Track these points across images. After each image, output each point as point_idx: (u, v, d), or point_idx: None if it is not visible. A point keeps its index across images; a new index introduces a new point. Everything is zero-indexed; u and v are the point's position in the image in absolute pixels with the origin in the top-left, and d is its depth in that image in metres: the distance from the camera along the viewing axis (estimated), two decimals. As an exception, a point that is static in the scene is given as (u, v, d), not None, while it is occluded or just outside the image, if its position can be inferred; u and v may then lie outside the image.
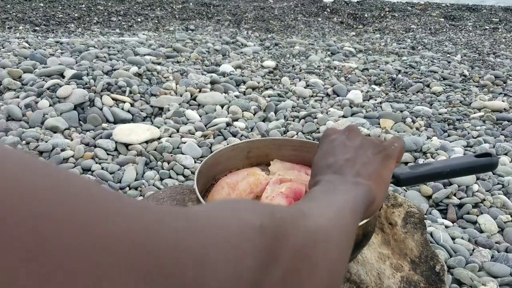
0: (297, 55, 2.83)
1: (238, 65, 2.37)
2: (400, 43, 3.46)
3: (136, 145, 1.38)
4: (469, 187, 1.24)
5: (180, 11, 4.39)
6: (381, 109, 1.89)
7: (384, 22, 4.37)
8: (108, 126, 1.54)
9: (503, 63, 2.81)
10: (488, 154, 0.84)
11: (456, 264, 0.94)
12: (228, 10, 4.53)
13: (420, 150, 1.43)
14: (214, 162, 0.91)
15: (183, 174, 1.28)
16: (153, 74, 1.95)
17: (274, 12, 4.54)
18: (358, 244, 0.70)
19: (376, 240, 0.84)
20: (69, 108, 1.54)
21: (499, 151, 1.48)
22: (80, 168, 1.25)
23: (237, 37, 3.23)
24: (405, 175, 0.83)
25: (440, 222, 1.13)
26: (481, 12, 4.94)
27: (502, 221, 1.12)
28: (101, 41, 2.60)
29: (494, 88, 2.24)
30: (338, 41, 3.41)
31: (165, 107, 1.70)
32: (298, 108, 1.81)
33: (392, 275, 0.77)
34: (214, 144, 1.44)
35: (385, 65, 2.62)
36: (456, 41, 3.58)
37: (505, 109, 1.92)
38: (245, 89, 2.02)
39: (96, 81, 1.70)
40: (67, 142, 1.33)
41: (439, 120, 1.79)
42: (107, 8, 4.17)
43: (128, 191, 1.18)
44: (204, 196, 0.90)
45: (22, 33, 3.04)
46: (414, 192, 1.24)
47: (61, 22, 3.57)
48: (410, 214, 0.89)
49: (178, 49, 2.58)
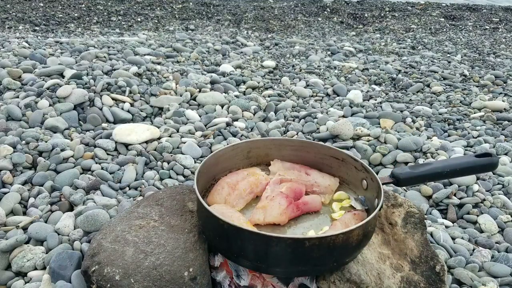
0: (297, 55, 2.83)
1: (238, 65, 2.36)
2: (400, 43, 3.46)
3: (136, 145, 1.38)
4: (469, 187, 1.24)
5: (180, 11, 4.39)
6: (381, 109, 1.89)
7: (384, 22, 4.37)
8: (108, 126, 1.54)
9: (503, 63, 2.80)
10: (488, 154, 0.84)
11: (456, 264, 0.94)
12: (228, 10, 4.52)
13: (420, 150, 1.43)
14: (214, 162, 0.91)
15: (183, 174, 1.28)
16: (153, 74, 1.94)
17: (274, 12, 4.54)
18: (358, 244, 0.70)
19: (376, 240, 0.84)
20: (69, 108, 1.54)
21: (499, 151, 1.48)
22: (80, 168, 1.25)
23: (237, 37, 3.23)
24: (405, 175, 0.83)
25: (440, 222, 1.12)
26: (481, 12, 4.94)
27: (502, 221, 1.12)
28: (101, 41, 2.60)
29: (494, 88, 2.24)
30: (338, 41, 3.41)
31: (165, 107, 1.70)
32: (298, 108, 1.81)
33: (392, 275, 0.77)
34: (214, 144, 1.44)
35: (385, 65, 2.62)
36: (456, 41, 3.58)
37: (505, 109, 1.92)
38: (245, 89, 2.02)
39: (96, 81, 1.70)
40: (67, 142, 1.33)
41: (439, 120, 1.79)
42: (107, 8, 4.17)
43: (128, 191, 1.18)
44: (204, 196, 0.90)
45: (22, 33, 3.04)
46: (414, 192, 1.24)
47: (61, 22, 3.57)
48: (410, 214, 0.89)
49: (178, 49, 2.58)
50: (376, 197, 0.78)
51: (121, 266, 0.71)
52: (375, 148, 1.43)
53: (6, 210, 1.05)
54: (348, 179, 0.91)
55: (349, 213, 0.81)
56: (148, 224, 0.81)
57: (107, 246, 0.75)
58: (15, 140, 1.28)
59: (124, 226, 0.80)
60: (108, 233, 0.79)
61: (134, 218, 0.83)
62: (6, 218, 1.03)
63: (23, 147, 1.28)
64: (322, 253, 0.65)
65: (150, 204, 0.88)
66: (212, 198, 0.87)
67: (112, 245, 0.75)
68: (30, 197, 1.11)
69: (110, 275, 0.69)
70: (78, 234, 0.97)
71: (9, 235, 0.96)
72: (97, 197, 1.11)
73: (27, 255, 0.90)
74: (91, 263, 0.73)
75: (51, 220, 1.04)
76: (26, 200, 1.11)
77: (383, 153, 1.41)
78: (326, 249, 0.65)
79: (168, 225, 0.81)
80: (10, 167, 1.20)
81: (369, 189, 0.84)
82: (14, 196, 1.09)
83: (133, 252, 0.73)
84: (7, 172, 1.18)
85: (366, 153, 1.42)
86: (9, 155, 1.22)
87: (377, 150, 1.42)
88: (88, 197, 1.12)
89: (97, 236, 0.79)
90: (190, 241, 0.78)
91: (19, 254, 0.91)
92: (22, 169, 1.22)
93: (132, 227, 0.80)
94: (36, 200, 1.10)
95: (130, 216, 0.84)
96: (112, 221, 0.83)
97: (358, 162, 0.87)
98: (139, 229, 0.79)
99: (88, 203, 1.09)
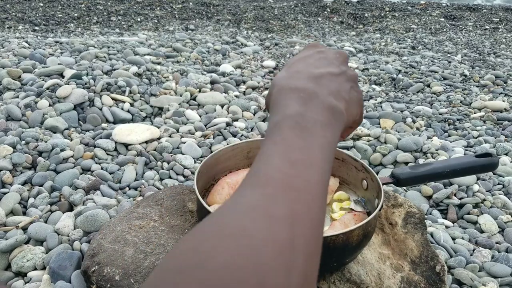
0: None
1: (238, 65, 2.36)
2: (400, 43, 3.46)
3: (136, 145, 1.38)
4: (469, 187, 1.24)
5: (180, 11, 4.39)
6: (381, 109, 1.89)
7: (384, 22, 4.36)
8: (108, 126, 1.54)
9: (503, 63, 2.80)
10: (489, 154, 0.84)
11: (457, 264, 0.94)
12: (228, 10, 4.52)
13: (421, 150, 1.42)
14: (214, 162, 0.91)
15: (183, 174, 1.28)
16: (153, 74, 1.94)
17: (274, 12, 4.54)
18: (358, 244, 0.70)
19: (376, 240, 0.84)
20: (68, 108, 1.54)
21: (500, 151, 1.48)
22: (80, 168, 1.25)
23: (237, 37, 3.22)
24: (405, 175, 0.83)
25: (440, 222, 1.12)
26: (481, 12, 4.94)
27: (502, 221, 1.12)
28: (101, 41, 2.60)
29: (495, 88, 2.23)
30: (338, 41, 3.41)
31: (165, 107, 1.69)
32: (298, 108, 1.81)
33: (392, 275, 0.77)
34: (214, 144, 1.44)
35: (385, 65, 2.62)
36: (457, 41, 3.58)
37: (505, 109, 1.92)
38: (245, 89, 2.01)
39: (95, 81, 1.70)
40: (66, 142, 1.33)
41: (439, 120, 1.78)
42: (107, 8, 4.17)
43: (128, 191, 1.18)
44: (204, 196, 0.90)
45: (22, 33, 3.04)
46: (415, 192, 1.24)
47: (60, 22, 3.57)
48: (411, 214, 0.89)
49: (178, 49, 2.58)
50: (376, 197, 0.78)
51: (121, 266, 0.71)
52: (375, 148, 1.43)
53: (5, 210, 1.05)
54: (348, 179, 0.91)
55: (349, 213, 0.81)
56: (148, 224, 0.81)
57: (107, 246, 0.75)
58: (14, 140, 1.28)
59: (124, 226, 0.80)
60: (108, 233, 0.79)
61: (134, 218, 0.83)
62: (6, 218, 1.03)
63: (23, 147, 1.28)
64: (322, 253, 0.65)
65: (150, 204, 0.88)
66: (212, 198, 0.87)
67: (112, 245, 0.75)
68: (30, 197, 1.11)
69: (110, 275, 0.69)
70: (78, 234, 0.97)
71: (9, 235, 0.96)
72: (97, 197, 1.11)
73: (27, 255, 0.90)
74: (91, 263, 0.73)
75: (51, 220, 1.04)
76: (26, 200, 1.11)
77: (383, 153, 1.40)
78: (326, 249, 0.65)
79: (168, 225, 0.81)
80: (10, 167, 1.20)
81: (369, 189, 0.84)
82: (14, 196, 1.09)
83: (133, 252, 0.73)
84: (7, 172, 1.18)
85: (366, 153, 1.42)
86: (9, 155, 1.22)
87: (377, 150, 1.42)
88: (88, 197, 1.12)
89: (97, 236, 0.79)
90: (190, 241, 0.78)
91: (19, 254, 0.91)
92: (22, 169, 1.22)
93: (132, 227, 0.80)
94: (36, 200, 1.10)
95: (130, 216, 0.84)
96: (112, 221, 0.83)
97: (358, 162, 0.87)
98: (139, 229, 0.79)
99: (88, 203, 1.09)
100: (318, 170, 0.35)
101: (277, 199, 0.31)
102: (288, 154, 0.35)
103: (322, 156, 0.36)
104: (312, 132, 0.38)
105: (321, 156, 0.36)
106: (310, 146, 0.37)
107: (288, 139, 0.37)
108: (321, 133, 0.38)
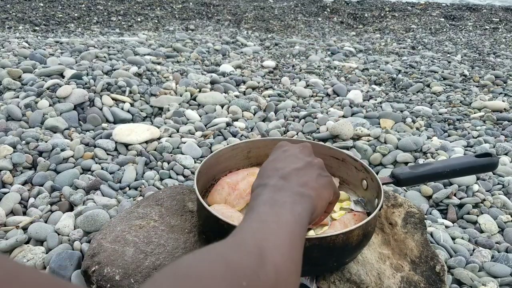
0: (297, 55, 2.83)
1: (238, 65, 2.36)
2: (400, 43, 3.46)
3: (136, 145, 1.38)
4: (469, 187, 1.24)
5: (180, 11, 4.39)
6: (381, 109, 1.89)
7: (384, 22, 4.37)
8: (108, 126, 1.54)
9: (503, 63, 2.80)
10: (488, 154, 0.84)
11: (456, 264, 0.94)
12: (228, 10, 4.52)
13: (420, 150, 1.43)
14: (214, 162, 0.91)
15: (183, 174, 1.28)
16: (153, 74, 1.94)
17: (274, 12, 4.54)
18: (358, 244, 0.70)
19: (376, 240, 0.84)
20: (69, 108, 1.54)
21: (499, 151, 1.48)
22: (80, 168, 1.25)
23: (237, 37, 3.22)
24: (405, 175, 0.83)
25: (440, 222, 1.12)
26: (481, 12, 4.94)
27: (502, 221, 1.12)
28: (101, 41, 2.60)
29: (494, 88, 2.24)
30: (338, 41, 3.41)
31: (165, 107, 1.70)
32: (298, 108, 1.81)
33: (392, 275, 0.77)
34: (214, 144, 1.44)
35: (385, 65, 2.62)
36: (456, 41, 3.58)
37: (505, 109, 1.92)
38: (245, 89, 2.02)
39: (96, 81, 1.70)
40: (67, 142, 1.33)
41: (439, 120, 1.79)
42: (107, 8, 4.17)
43: (128, 191, 1.18)
44: (204, 196, 0.90)
45: (22, 33, 3.04)
46: (414, 192, 1.24)
47: (61, 22, 3.57)
48: (410, 214, 0.89)
49: (178, 49, 2.58)
50: (376, 197, 0.78)
51: (121, 266, 0.71)
52: (375, 148, 1.43)
53: (6, 210, 1.05)
54: (348, 179, 0.91)
55: (349, 213, 0.81)
56: (148, 224, 0.81)
57: (107, 246, 0.75)
58: (15, 140, 1.28)
59: (124, 226, 0.80)
60: (108, 233, 0.79)
61: (134, 218, 0.83)
62: (6, 218, 1.03)
63: (23, 147, 1.28)
64: (322, 253, 0.65)
65: (150, 204, 0.88)
66: (212, 198, 0.87)
67: (112, 245, 0.75)
68: (30, 197, 1.11)
69: (110, 275, 0.69)
70: (78, 234, 0.97)
71: (9, 235, 0.96)
72: (97, 197, 1.11)
73: (27, 255, 0.90)
74: (91, 263, 0.73)
75: (51, 220, 1.04)
76: (26, 200, 1.11)
77: (383, 153, 1.41)
78: (326, 249, 0.65)
79: (168, 225, 0.81)
80: (10, 167, 1.20)
81: (369, 189, 0.84)
82: (14, 196, 1.09)
83: (133, 252, 0.73)
84: (7, 172, 1.18)
85: (366, 153, 1.42)
86: (9, 155, 1.22)
87: (377, 150, 1.42)
88: (88, 197, 1.12)
89: (97, 236, 0.79)
90: (190, 241, 0.78)
91: (19, 254, 0.91)
92: (22, 169, 1.22)
93: (132, 227, 0.80)
94: (36, 200, 1.10)
95: (130, 216, 0.84)
96: (112, 221, 0.83)
97: (358, 162, 0.87)
98: (139, 229, 0.79)
99: (88, 203, 1.09)
100: (287, 224, 0.43)
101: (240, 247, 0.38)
102: (260, 217, 0.44)
103: (291, 218, 0.44)
104: (282, 205, 0.46)
105: (291, 217, 0.44)
106: (279, 212, 0.44)
107: (261, 211, 0.45)
108: (289, 206, 0.46)
